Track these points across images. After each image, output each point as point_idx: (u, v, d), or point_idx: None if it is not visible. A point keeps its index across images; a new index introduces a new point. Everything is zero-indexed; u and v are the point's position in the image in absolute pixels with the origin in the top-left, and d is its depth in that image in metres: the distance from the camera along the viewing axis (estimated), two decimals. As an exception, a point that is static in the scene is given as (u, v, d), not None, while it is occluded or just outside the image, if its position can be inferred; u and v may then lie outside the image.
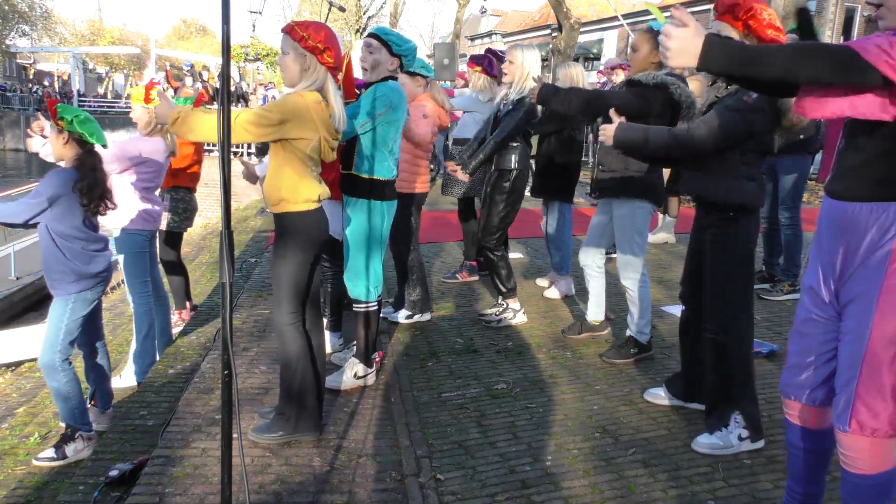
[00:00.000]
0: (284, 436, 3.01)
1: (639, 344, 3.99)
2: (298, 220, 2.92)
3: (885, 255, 1.84)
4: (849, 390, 1.92)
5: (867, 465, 1.93)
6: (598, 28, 32.91)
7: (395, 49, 3.51)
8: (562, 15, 14.31)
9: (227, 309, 2.04)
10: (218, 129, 2.07)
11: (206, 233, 11.24)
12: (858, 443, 1.92)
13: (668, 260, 6.60)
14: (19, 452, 4.00)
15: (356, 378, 3.60)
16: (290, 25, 2.86)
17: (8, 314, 9.28)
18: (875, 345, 1.86)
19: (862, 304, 1.89)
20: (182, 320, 5.50)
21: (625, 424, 3.23)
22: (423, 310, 4.64)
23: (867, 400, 1.88)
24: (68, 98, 35.11)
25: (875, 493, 1.95)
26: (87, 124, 3.48)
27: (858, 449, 1.93)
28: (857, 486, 1.96)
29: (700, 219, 3.04)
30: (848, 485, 2.00)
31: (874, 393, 1.87)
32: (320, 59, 2.83)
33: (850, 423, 1.91)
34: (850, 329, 1.93)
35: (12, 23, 44.28)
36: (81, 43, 51.85)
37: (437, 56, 12.74)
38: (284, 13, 43.04)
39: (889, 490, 1.96)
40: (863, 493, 1.96)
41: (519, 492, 2.66)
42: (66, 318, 3.54)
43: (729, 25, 2.72)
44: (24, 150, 34.15)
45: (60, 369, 3.56)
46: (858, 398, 1.89)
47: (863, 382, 1.88)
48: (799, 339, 2.13)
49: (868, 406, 1.88)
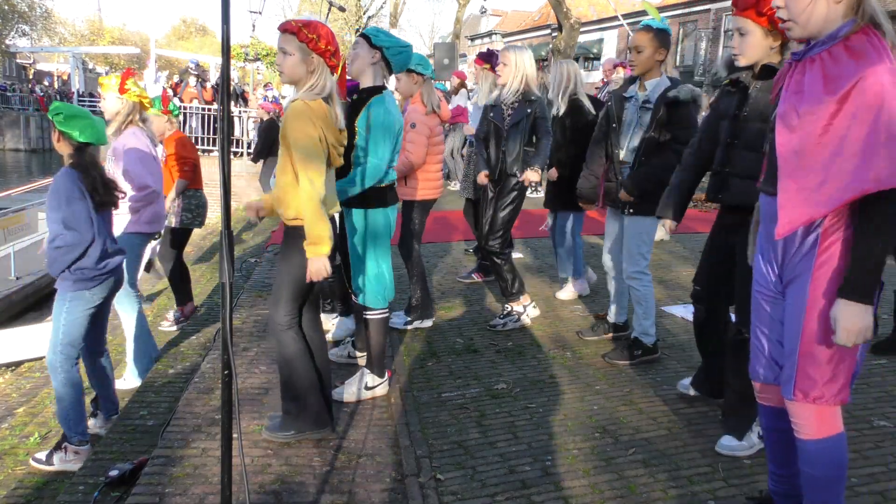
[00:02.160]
0: (297, 434, 3.01)
1: (643, 346, 3.98)
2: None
3: (814, 240, 2.01)
4: (791, 361, 2.07)
5: (814, 430, 2.08)
6: (598, 28, 32.93)
7: (375, 41, 3.39)
8: (562, 15, 14.30)
9: (227, 309, 2.04)
10: (218, 129, 2.07)
11: (206, 233, 11.24)
12: (804, 410, 2.07)
13: (668, 260, 6.61)
14: (19, 452, 4.00)
15: (366, 389, 3.49)
16: (297, 26, 2.78)
17: (8, 314, 9.28)
18: (811, 320, 2.01)
19: (798, 285, 2.06)
20: (184, 316, 5.50)
21: (625, 424, 3.23)
22: (424, 316, 4.56)
23: (807, 370, 2.03)
24: (68, 98, 35.09)
25: (826, 457, 2.09)
26: (72, 121, 3.40)
27: (805, 416, 2.08)
28: (809, 452, 2.11)
29: (727, 220, 3.00)
30: (801, 453, 2.14)
31: (813, 364, 2.02)
32: (329, 63, 2.79)
33: (794, 393, 2.06)
34: (790, 308, 2.09)
35: (12, 23, 44.28)
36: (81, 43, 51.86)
37: (437, 56, 12.76)
38: (284, 13, 43.06)
39: (839, 454, 2.11)
40: (814, 457, 2.10)
41: (519, 492, 2.66)
42: (63, 317, 3.51)
43: (752, 21, 2.64)
44: (23, 150, 34.26)
45: (61, 370, 3.52)
46: (800, 369, 2.05)
47: (803, 355, 2.04)
48: (757, 321, 2.28)
49: (808, 376, 2.03)
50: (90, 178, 3.42)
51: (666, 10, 29.55)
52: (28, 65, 54.81)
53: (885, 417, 3.25)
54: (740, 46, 2.71)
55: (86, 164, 3.44)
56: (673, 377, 3.76)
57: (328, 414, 3.08)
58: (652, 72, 3.69)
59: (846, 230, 1.96)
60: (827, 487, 2.11)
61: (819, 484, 2.12)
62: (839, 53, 1.89)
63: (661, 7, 30.05)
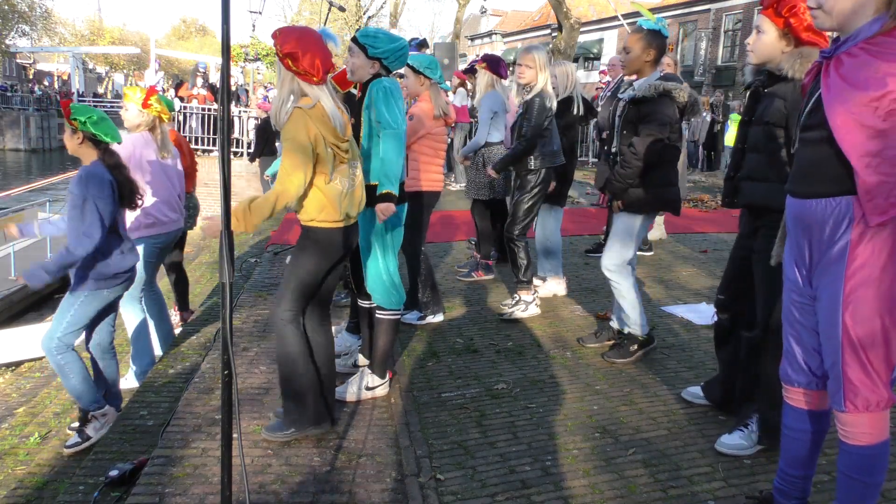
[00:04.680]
0: (296, 432, 3.01)
1: (637, 339, 3.97)
2: (324, 234, 2.91)
3: (844, 246, 1.97)
4: (836, 372, 2.05)
5: (868, 438, 2.06)
6: (598, 28, 32.95)
7: (371, 52, 3.36)
8: (562, 15, 14.31)
9: (227, 309, 2.04)
10: (218, 129, 2.07)
11: (207, 233, 11.23)
12: (858, 419, 2.05)
13: (668, 260, 6.61)
14: (19, 452, 4.01)
15: (367, 389, 3.49)
16: (274, 32, 2.78)
17: (8, 314, 9.28)
18: (849, 329, 1.99)
19: (831, 293, 2.02)
20: (182, 321, 5.49)
21: (625, 424, 3.23)
22: (436, 311, 4.64)
23: (854, 379, 2.01)
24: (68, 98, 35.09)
25: (874, 463, 2.09)
26: (101, 124, 3.51)
27: (859, 424, 2.05)
28: (859, 458, 2.09)
29: (748, 225, 2.96)
30: (848, 457, 2.11)
31: (859, 371, 2.00)
32: (286, 66, 2.75)
33: (845, 404, 2.04)
34: (825, 318, 2.06)
35: (12, 23, 44.25)
36: (81, 43, 51.81)
37: (437, 56, 12.75)
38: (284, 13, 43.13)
39: (884, 459, 2.10)
40: (862, 463, 2.09)
41: (519, 492, 2.66)
42: (73, 311, 3.57)
43: (769, 20, 2.66)
44: (23, 150, 34.27)
45: (56, 352, 3.61)
46: (846, 379, 2.02)
47: (847, 363, 2.01)
48: (789, 326, 2.24)
49: (857, 385, 2.01)
50: (120, 176, 3.52)
51: (666, 10, 29.57)
52: (28, 65, 54.82)
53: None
54: (754, 44, 2.75)
55: (113, 165, 3.55)
56: (673, 377, 3.77)
57: (328, 412, 3.08)
58: (643, 71, 3.70)
59: (875, 236, 1.92)
60: (866, 493, 2.11)
61: (860, 489, 2.10)
62: (861, 52, 1.86)
63: (660, 7, 30.06)
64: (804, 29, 2.61)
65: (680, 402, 3.46)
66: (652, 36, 3.63)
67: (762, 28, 2.70)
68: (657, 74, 3.69)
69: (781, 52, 2.69)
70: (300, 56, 2.71)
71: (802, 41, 2.64)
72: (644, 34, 3.62)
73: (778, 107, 2.70)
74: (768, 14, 2.67)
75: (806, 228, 2.08)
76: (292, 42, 2.71)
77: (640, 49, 3.64)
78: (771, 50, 2.70)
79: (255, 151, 10.56)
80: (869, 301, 1.95)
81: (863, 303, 1.96)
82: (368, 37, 3.41)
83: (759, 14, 2.74)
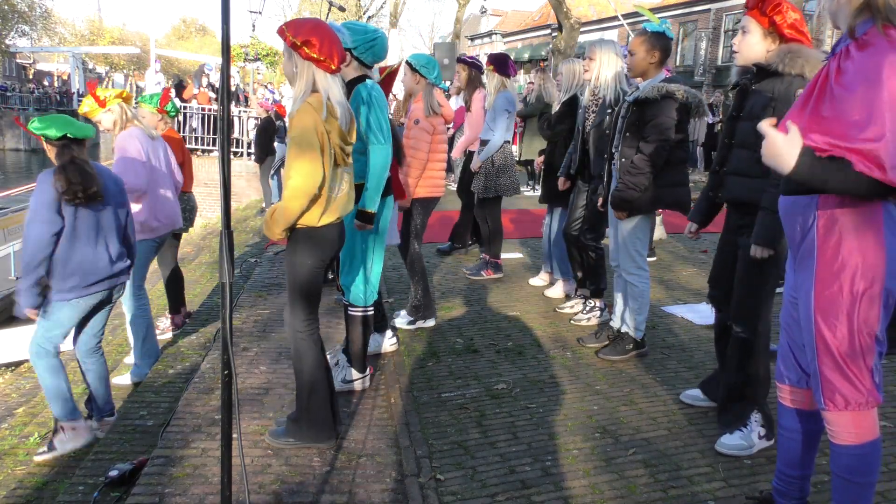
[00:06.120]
0: (296, 442, 2.99)
1: (634, 341, 4.00)
2: (312, 233, 2.87)
3: (812, 239, 2.00)
4: (814, 370, 2.06)
5: (853, 437, 2.05)
6: (598, 28, 32.90)
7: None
8: (562, 15, 14.29)
9: (227, 309, 2.04)
10: (218, 129, 2.07)
11: (206, 233, 11.24)
12: (840, 418, 2.04)
13: (668, 260, 6.61)
14: (19, 452, 4.00)
15: (343, 382, 3.52)
16: (282, 28, 2.74)
17: (8, 314, 9.27)
18: (821, 328, 2.00)
19: (806, 290, 2.04)
20: (175, 325, 5.43)
21: (625, 424, 3.23)
22: (427, 316, 4.58)
23: (830, 378, 2.01)
24: (68, 98, 35.09)
25: (863, 465, 2.07)
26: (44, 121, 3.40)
27: (842, 423, 2.04)
28: (845, 459, 2.08)
29: (734, 221, 2.99)
30: (838, 457, 2.11)
31: (834, 369, 2.00)
32: (301, 54, 2.70)
33: (824, 402, 2.04)
34: (803, 315, 2.07)
35: (12, 23, 44.23)
36: (81, 43, 51.75)
37: (437, 56, 12.76)
38: (284, 13, 43.09)
39: (874, 458, 2.08)
40: (850, 465, 2.07)
41: (519, 492, 2.66)
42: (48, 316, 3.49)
43: (755, 21, 2.73)
44: (23, 150, 34.25)
45: (35, 356, 3.57)
46: (823, 377, 2.03)
47: (822, 361, 2.02)
48: (785, 324, 2.25)
49: (833, 382, 2.01)
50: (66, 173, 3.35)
51: (666, 10, 29.56)
52: (28, 65, 54.80)
53: (885, 417, 3.24)
54: (739, 44, 2.81)
55: (66, 161, 3.38)
56: (673, 377, 3.77)
57: (333, 426, 3.03)
58: (648, 73, 3.70)
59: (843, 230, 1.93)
60: (860, 493, 2.09)
61: (852, 490, 2.10)
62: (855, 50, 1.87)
63: (661, 7, 30.06)
64: (787, 26, 2.68)
65: (680, 402, 3.46)
66: (656, 38, 3.64)
67: (747, 28, 2.77)
68: (662, 76, 3.69)
69: (766, 51, 2.75)
70: (318, 42, 2.68)
71: (786, 39, 2.70)
72: (648, 36, 3.64)
73: (766, 103, 2.72)
74: (753, 14, 2.74)
75: (790, 225, 2.11)
76: (307, 29, 2.70)
77: (645, 51, 3.65)
78: (756, 49, 2.77)
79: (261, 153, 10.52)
80: (837, 297, 1.95)
81: (832, 300, 1.96)
82: (342, 32, 3.38)
83: (744, 15, 2.80)
